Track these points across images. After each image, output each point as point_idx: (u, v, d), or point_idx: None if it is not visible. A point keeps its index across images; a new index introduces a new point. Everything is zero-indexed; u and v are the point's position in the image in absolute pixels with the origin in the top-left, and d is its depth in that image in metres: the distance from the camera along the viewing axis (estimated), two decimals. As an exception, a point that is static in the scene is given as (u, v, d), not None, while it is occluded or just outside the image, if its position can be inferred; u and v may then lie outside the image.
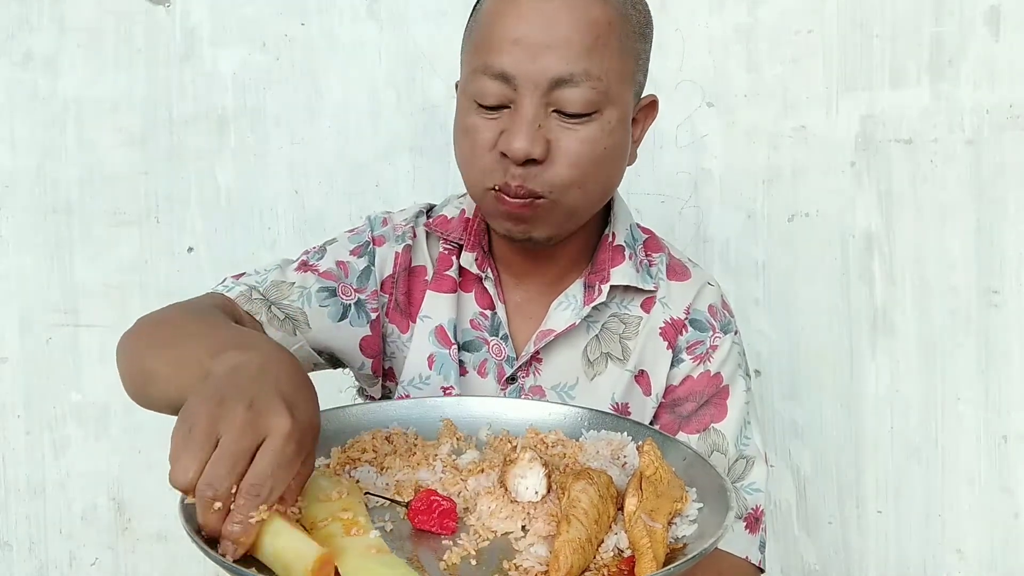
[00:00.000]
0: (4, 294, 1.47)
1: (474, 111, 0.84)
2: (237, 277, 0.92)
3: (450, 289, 0.94)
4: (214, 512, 0.56)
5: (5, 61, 1.44)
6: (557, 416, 0.80)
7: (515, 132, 0.81)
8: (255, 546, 0.58)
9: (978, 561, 1.38)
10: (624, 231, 0.96)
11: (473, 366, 0.93)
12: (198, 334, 0.74)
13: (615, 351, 0.93)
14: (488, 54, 0.82)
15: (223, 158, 1.45)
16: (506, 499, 0.65)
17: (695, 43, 1.38)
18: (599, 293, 0.91)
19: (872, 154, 1.36)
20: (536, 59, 0.80)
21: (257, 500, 0.56)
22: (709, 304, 0.95)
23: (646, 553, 0.58)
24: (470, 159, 0.86)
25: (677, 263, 0.98)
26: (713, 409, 0.92)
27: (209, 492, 0.55)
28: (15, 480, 1.50)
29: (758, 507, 0.91)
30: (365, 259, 0.94)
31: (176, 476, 0.56)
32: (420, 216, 0.99)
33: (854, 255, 1.38)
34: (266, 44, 1.43)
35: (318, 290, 0.90)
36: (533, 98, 0.81)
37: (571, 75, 0.80)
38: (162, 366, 0.73)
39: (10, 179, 1.46)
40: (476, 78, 0.83)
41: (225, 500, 0.56)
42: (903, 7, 1.34)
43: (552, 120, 0.82)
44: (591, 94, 0.81)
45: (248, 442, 0.56)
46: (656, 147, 1.40)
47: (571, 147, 0.82)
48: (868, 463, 1.40)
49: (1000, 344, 1.35)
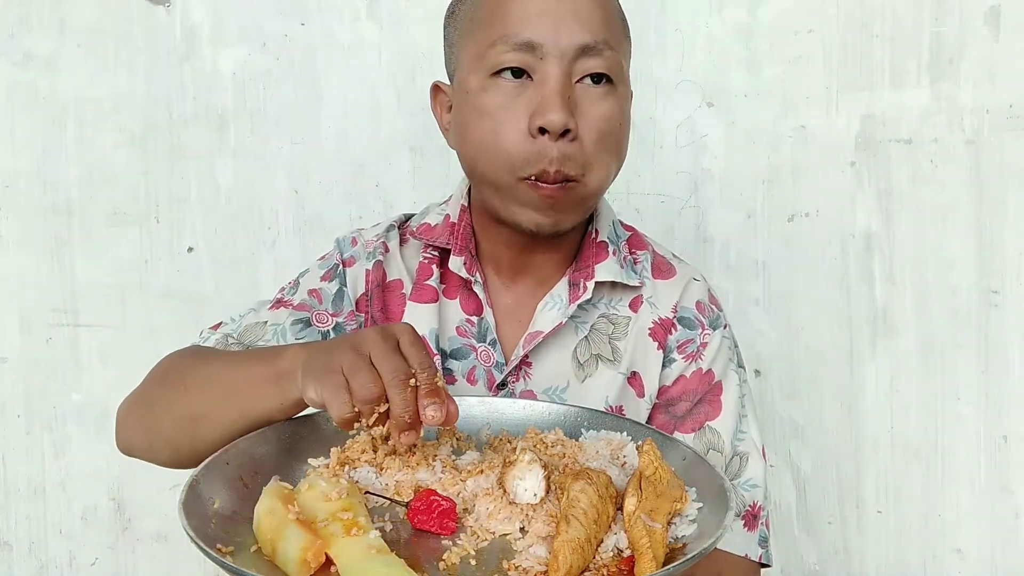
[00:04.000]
0: (4, 294, 1.47)
1: (491, 90, 0.83)
2: (215, 327, 0.94)
3: (431, 299, 0.93)
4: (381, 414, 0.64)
5: (5, 61, 1.44)
6: (557, 416, 0.80)
7: (549, 103, 0.80)
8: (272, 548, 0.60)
9: (978, 561, 1.38)
10: (607, 227, 0.95)
11: (462, 374, 0.92)
12: (232, 362, 0.80)
13: (605, 352, 0.92)
14: (508, 26, 0.82)
15: (223, 158, 1.44)
16: (505, 500, 0.65)
17: (695, 43, 1.38)
18: (584, 290, 0.91)
19: (872, 154, 1.36)
20: (561, 27, 0.81)
21: (433, 372, 0.65)
22: (696, 300, 0.95)
23: (645, 553, 0.58)
24: (494, 142, 0.83)
25: (662, 260, 0.98)
26: (708, 407, 0.92)
27: (400, 376, 0.64)
28: (15, 480, 1.50)
29: (756, 503, 0.90)
30: (336, 282, 0.94)
31: (361, 392, 0.64)
32: (392, 230, 0.98)
33: (854, 255, 1.38)
34: (266, 44, 1.43)
35: (292, 323, 0.90)
36: (561, 65, 0.81)
37: (595, 43, 0.82)
38: (213, 396, 0.77)
39: (10, 179, 1.46)
40: (494, 50, 0.82)
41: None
42: (903, 7, 1.34)
43: (577, 91, 0.82)
44: (612, 63, 0.83)
45: (392, 343, 0.67)
46: (656, 147, 1.40)
47: (595, 122, 0.83)
48: (868, 463, 1.40)
49: (1000, 344, 1.35)
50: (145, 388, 0.87)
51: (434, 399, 0.64)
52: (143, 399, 0.86)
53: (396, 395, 0.64)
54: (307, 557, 0.57)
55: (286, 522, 0.60)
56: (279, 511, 0.61)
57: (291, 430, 0.75)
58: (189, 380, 0.81)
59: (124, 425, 0.88)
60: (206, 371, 0.81)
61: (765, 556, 0.92)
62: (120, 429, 0.88)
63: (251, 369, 0.76)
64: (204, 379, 0.80)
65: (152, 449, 0.85)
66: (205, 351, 0.88)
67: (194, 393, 0.79)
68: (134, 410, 0.87)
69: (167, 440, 0.82)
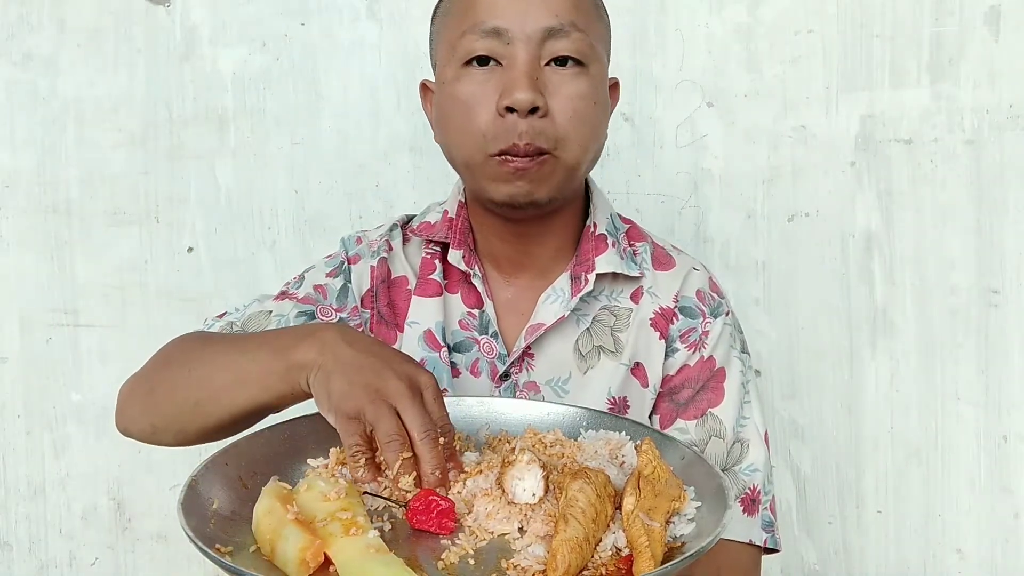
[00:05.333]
0: (4, 294, 1.47)
1: (463, 79, 0.85)
2: (220, 317, 0.95)
3: (435, 293, 0.94)
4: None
5: (5, 61, 1.44)
6: (556, 416, 0.80)
7: (516, 83, 0.82)
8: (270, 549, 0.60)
9: (978, 561, 1.38)
10: (605, 220, 0.96)
11: (465, 366, 0.94)
12: (240, 348, 0.80)
13: (607, 344, 0.93)
14: (476, 15, 0.84)
15: (223, 158, 1.45)
16: (503, 500, 0.65)
17: (695, 43, 1.38)
18: (586, 283, 0.91)
19: (872, 154, 1.36)
20: (527, 12, 0.83)
21: (453, 434, 0.70)
22: (697, 290, 0.96)
23: (644, 552, 0.58)
24: (466, 126, 0.85)
25: (661, 252, 0.99)
26: (710, 394, 0.92)
27: (432, 435, 0.67)
28: (15, 480, 1.50)
29: (755, 488, 0.90)
30: (341, 278, 0.96)
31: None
32: (395, 229, 1.00)
33: (854, 255, 1.38)
34: (266, 44, 1.43)
35: (296, 315, 0.91)
36: (528, 49, 0.83)
37: (561, 25, 0.83)
38: (219, 382, 0.78)
39: (10, 179, 1.46)
40: (465, 40, 0.85)
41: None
42: (903, 7, 1.34)
43: (546, 74, 0.84)
44: (581, 44, 0.84)
45: (419, 396, 0.69)
46: (656, 147, 1.40)
47: (566, 101, 0.84)
48: (868, 463, 1.40)
49: (1000, 344, 1.35)
50: (149, 371, 0.88)
51: (452, 463, 0.69)
52: (147, 381, 0.87)
53: (427, 453, 0.67)
54: (306, 557, 0.58)
55: (285, 522, 0.60)
56: (278, 511, 0.61)
57: (290, 430, 0.75)
58: (194, 364, 0.81)
59: (125, 406, 0.88)
60: (212, 355, 0.81)
61: (771, 541, 0.91)
62: (121, 410, 0.89)
63: (261, 357, 0.76)
64: (210, 363, 0.80)
65: (155, 431, 0.85)
66: (210, 335, 0.89)
67: (200, 377, 0.80)
68: (137, 392, 0.87)
69: (172, 422, 0.83)
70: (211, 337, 0.88)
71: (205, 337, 0.88)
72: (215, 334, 0.90)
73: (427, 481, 0.66)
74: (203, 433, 0.82)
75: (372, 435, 0.68)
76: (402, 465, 0.66)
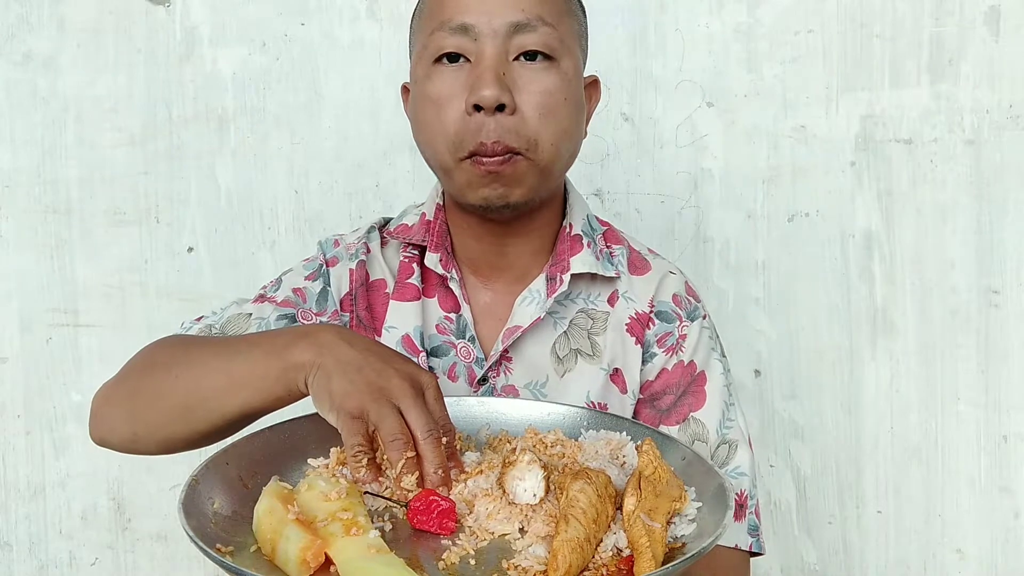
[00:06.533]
0: (4, 294, 1.47)
1: (434, 76, 0.85)
2: (197, 320, 0.94)
3: (413, 297, 0.94)
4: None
5: (5, 61, 1.44)
6: (556, 416, 0.80)
7: (481, 79, 0.82)
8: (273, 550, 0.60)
9: (978, 561, 1.38)
10: (581, 220, 0.95)
11: (443, 371, 0.93)
12: (229, 350, 0.78)
13: (584, 347, 0.93)
14: (445, 13, 0.84)
15: (223, 158, 1.45)
16: (504, 501, 0.65)
17: (695, 43, 1.38)
18: (561, 283, 0.91)
19: (872, 154, 1.36)
20: (494, 8, 0.83)
21: (454, 434, 0.70)
22: (673, 294, 0.95)
23: (645, 552, 0.58)
24: (436, 126, 0.85)
25: (637, 256, 0.98)
26: (691, 398, 0.92)
27: (435, 434, 0.68)
28: (15, 480, 1.50)
29: (742, 492, 0.90)
30: (320, 281, 0.95)
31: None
32: (373, 231, 0.99)
33: (854, 255, 1.38)
34: (266, 44, 1.43)
35: (277, 318, 0.90)
36: (494, 45, 0.83)
37: (528, 20, 0.83)
38: (209, 385, 0.76)
39: (10, 179, 1.46)
40: (434, 38, 0.85)
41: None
42: (903, 7, 1.34)
43: (514, 69, 0.84)
44: (549, 39, 0.84)
45: (420, 395, 0.69)
46: (656, 147, 1.40)
47: (535, 96, 0.84)
48: (868, 463, 1.40)
49: (1000, 344, 1.35)
50: (127, 377, 0.85)
51: (454, 462, 0.69)
52: (127, 388, 0.84)
53: (430, 452, 0.67)
54: (306, 557, 0.58)
55: (285, 522, 0.60)
56: (278, 511, 0.61)
57: (290, 430, 0.75)
58: (180, 368, 0.79)
59: (102, 415, 0.85)
60: (200, 358, 0.79)
61: (756, 545, 0.91)
62: (98, 419, 0.85)
63: (255, 359, 0.74)
64: (199, 366, 0.78)
65: (137, 439, 0.82)
66: (192, 338, 0.86)
67: (188, 381, 0.78)
68: (115, 399, 0.85)
69: (157, 429, 0.81)
70: (194, 340, 0.85)
71: (187, 340, 0.85)
72: (198, 337, 0.88)
73: (430, 480, 0.66)
74: (190, 440, 0.80)
75: (373, 434, 0.68)
76: (405, 464, 0.66)
